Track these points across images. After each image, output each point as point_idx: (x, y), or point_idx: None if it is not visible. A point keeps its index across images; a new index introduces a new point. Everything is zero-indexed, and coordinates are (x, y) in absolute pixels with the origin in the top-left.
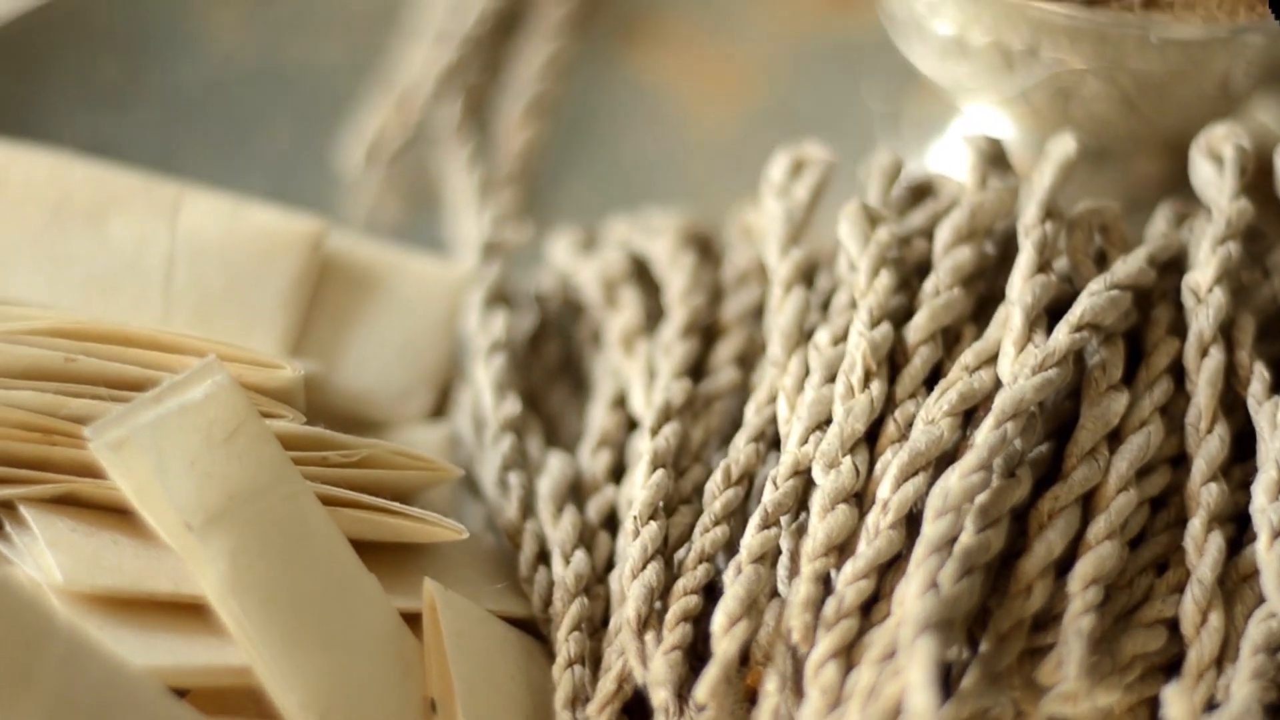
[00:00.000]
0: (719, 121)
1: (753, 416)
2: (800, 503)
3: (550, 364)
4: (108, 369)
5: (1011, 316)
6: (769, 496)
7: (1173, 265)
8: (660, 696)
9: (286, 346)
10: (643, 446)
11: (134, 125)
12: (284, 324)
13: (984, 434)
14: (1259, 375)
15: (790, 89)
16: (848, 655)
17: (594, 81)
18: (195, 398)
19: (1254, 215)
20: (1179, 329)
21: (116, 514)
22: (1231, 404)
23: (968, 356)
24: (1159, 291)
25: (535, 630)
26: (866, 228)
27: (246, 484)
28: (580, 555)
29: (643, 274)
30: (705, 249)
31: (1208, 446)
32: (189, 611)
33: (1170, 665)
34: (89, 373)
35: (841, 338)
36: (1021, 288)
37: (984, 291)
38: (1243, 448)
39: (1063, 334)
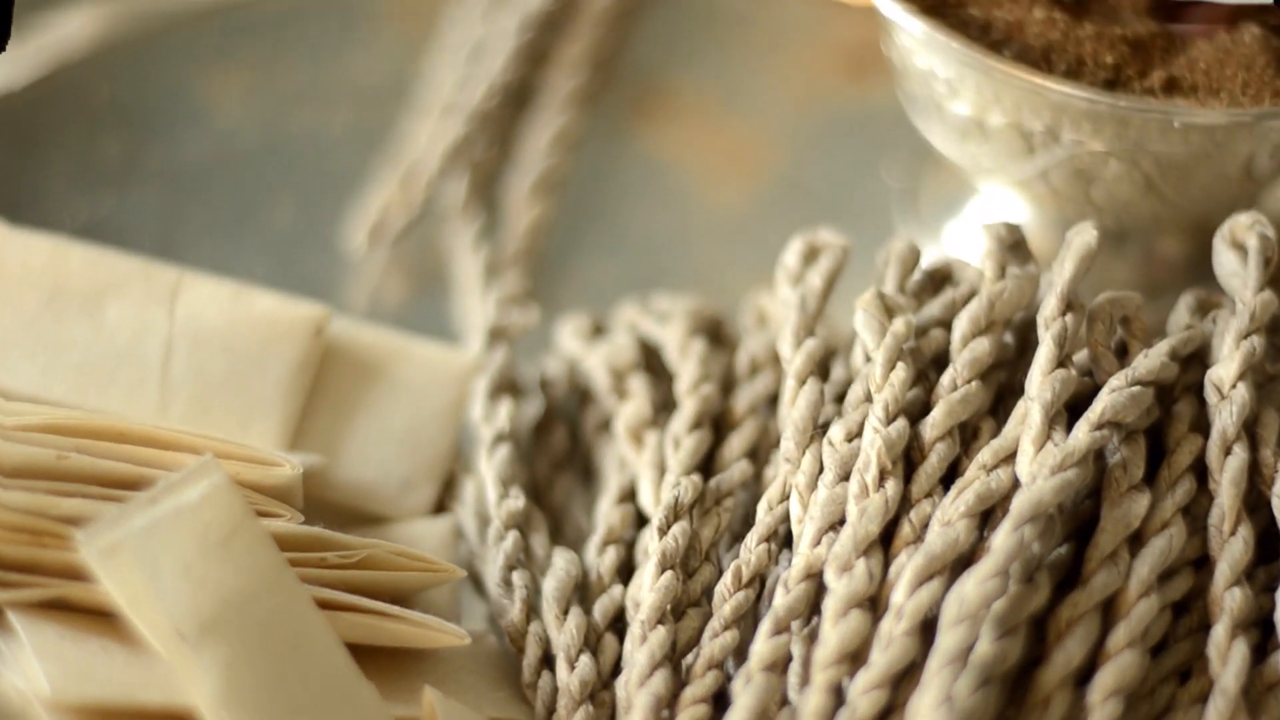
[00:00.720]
0: (732, 198)
1: (764, 515)
2: (812, 607)
3: (557, 453)
4: (101, 466)
5: (1030, 413)
6: (780, 601)
7: (1195, 358)
8: None
9: (286, 435)
10: (651, 546)
11: (134, 203)
12: (284, 412)
13: (1001, 538)
14: None
15: (805, 164)
16: None
17: (604, 157)
18: (191, 500)
19: (1279, 307)
20: (1201, 425)
21: (106, 617)
22: (1255, 503)
23: (985, 455)
24: (1181, 386)
25: None
26: (883, 319)
27: (242, 590)
28: (585, 660)
29: (653, 361)
30: (717, 335)
31: (1231, 549)
32: None
33: None
34: (82, 470)
35: (856, 434)
36: (1040, 383)
37: (1003, 382)
38: (1267, 548)
39: (1083, 432)
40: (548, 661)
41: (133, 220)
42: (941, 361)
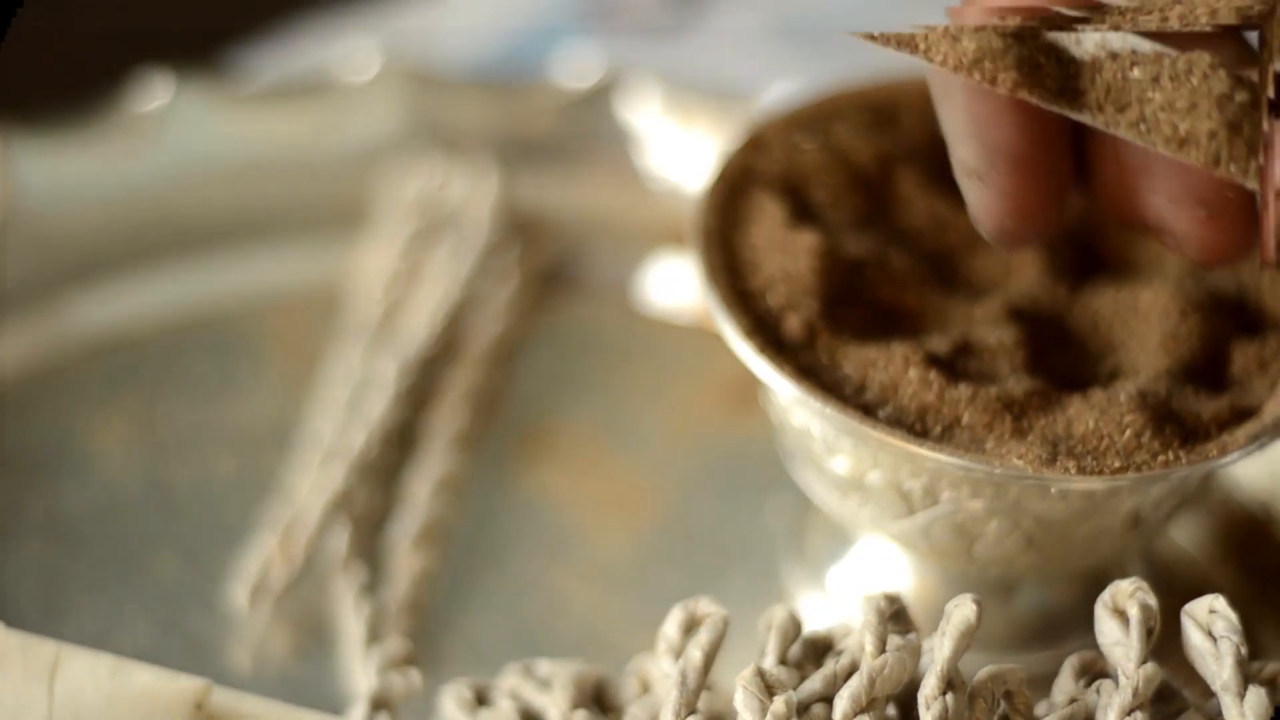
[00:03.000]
0: (617, 543)
1: None
2: None
3: None
4: None
5: None
6: None
7: None
8: None
9: None
10: None
11: (15, 557)
12: None
13: None
14: None
15: (690, 505)
16: None
17: (488, 503)
18: None
19: (1164, 677)
20: None
21: None
22: None
23: None
24: None
25: None
26: (764, 698)
27: None
28: None
29: None
30: (601, 702)
31: None
32: None
33: None
34: None
35: None
36: None
37: None
38: None
39: None
40: None
41: (13, 575)
42: None
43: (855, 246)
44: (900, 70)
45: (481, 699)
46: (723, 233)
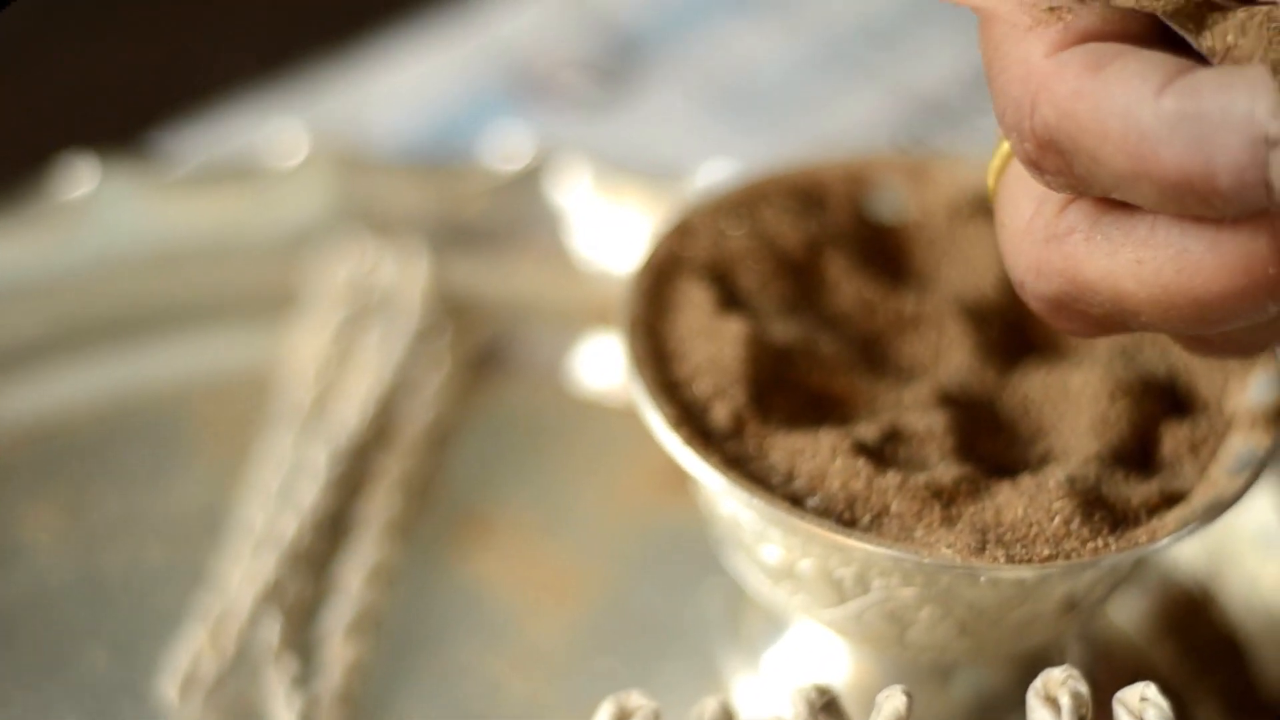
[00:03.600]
0: (553, 629)
1: None
2: None
3: None
4: None
5: None
6: None
7: None
8: None
9: None
10: None
11: None
12: None
13: None
14: None
15: (625, 589)
16: None
17: (422, 590)
18: None
19: None
20: None
21: None
22: None
23: None
24: None
25: None
26: None
27: None
28: None
29: None
30: None
31: None
32: None
33: None
34: None
35: None
36: None
37: None
38: None
39: None
40: None
41: None
42: None
43: (783, 333)
44: (827, 152)
45: None
46: (649, 321)
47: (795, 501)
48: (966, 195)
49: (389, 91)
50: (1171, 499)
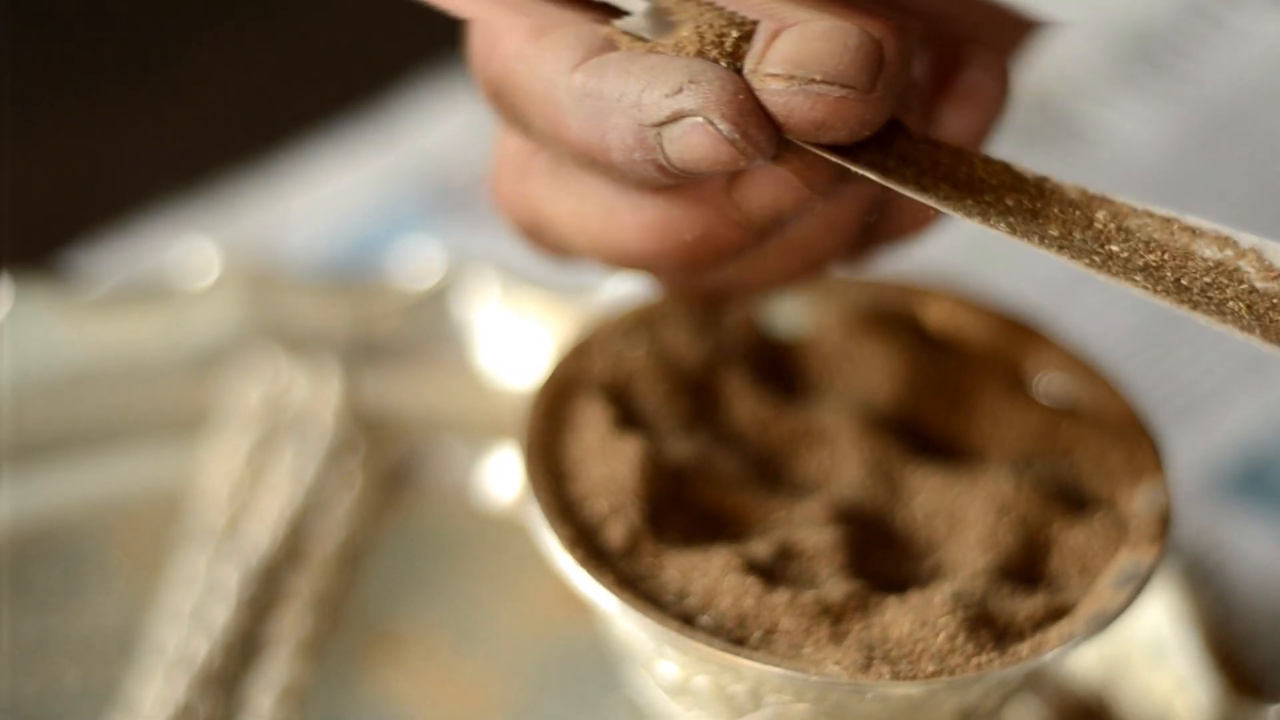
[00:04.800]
0: None
1: None
2: None
3: None
4: None
5: None
6: None
7: None
8: None
9: None
10: None
11: None
12: None
13: None
14: None
15: (536, 704)
16: None
17: (333, 710)
18: None
19: None
20: None
21: None
22: None
23: None
24: None
25: None
26: None
27: None
28: None
29: None
30: None
31: None
32: None
33: None
34: None
35: None
36: None
37: None
38: None
39: None
40: None
41: None
42: None
43: (679, 451)
44: None
45: None
46: (547, 442)
47: (687, 620)
48: (860, 310)
49: (306, 205)
50: (1058, 613)
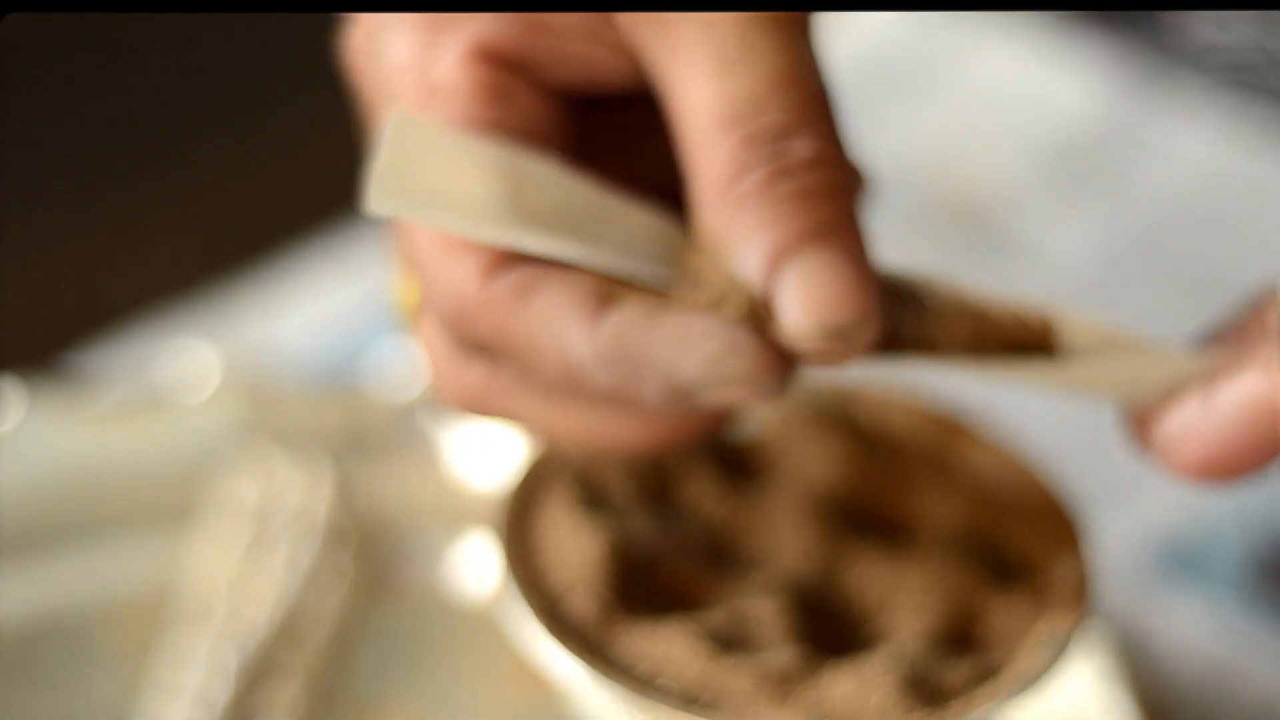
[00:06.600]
0: None
1: None
2: None
3: None
4: None
5: None
6: None
7: None
8: None
9: None
10: None
11: None
12: None
13: None
14: None
15: None
16: None
17: None
18: None
19: None
20: None
21: None
22: None
23: None
24: None
25: None
26: None
27: None
28: None
29: None
30: None
31: None
32: None
33: None
34: None
35: None
36: None
37: None
38: None
39: None
40: None
41: None
42: None
43: (639, 529)
44: None
45: None
46: (520, 520)
47: (645, 683)
48: (802, 409)
49: (303, 312)
50: (985, 674)
